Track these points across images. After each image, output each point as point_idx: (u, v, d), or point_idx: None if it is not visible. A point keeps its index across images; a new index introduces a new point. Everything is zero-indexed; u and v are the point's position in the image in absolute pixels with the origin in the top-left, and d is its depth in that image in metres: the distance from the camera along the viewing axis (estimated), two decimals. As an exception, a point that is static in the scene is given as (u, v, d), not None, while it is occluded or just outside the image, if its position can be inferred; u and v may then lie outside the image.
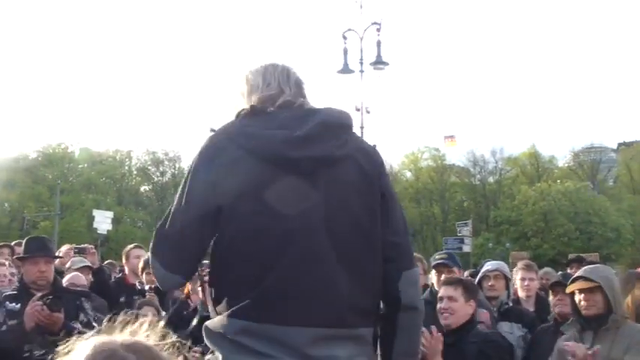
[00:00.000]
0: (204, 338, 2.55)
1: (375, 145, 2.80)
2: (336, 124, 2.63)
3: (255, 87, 2.75)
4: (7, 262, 7.10)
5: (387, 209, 2.66)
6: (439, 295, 5.10)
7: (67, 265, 7.49)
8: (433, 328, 4.46)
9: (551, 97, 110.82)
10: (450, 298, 4.95)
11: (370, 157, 2.69)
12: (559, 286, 5.50)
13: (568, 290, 4.74)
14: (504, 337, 5.35)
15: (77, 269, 7.28)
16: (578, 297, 4.61)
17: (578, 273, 4.79)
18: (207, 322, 2.54)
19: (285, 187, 2.47)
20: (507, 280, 6.39)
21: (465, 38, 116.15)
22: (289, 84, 2.75)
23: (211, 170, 2.49)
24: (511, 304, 6.28)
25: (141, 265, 7.21)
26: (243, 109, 2.66)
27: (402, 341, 2.66)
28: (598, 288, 4.50)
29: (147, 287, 6.86)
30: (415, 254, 6.67)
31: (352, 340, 2.49)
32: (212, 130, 2.63)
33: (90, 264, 7.90)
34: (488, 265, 6.49)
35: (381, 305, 2.66)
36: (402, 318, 2.64)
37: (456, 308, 4.92)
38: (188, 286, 6.00)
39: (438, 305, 5.02)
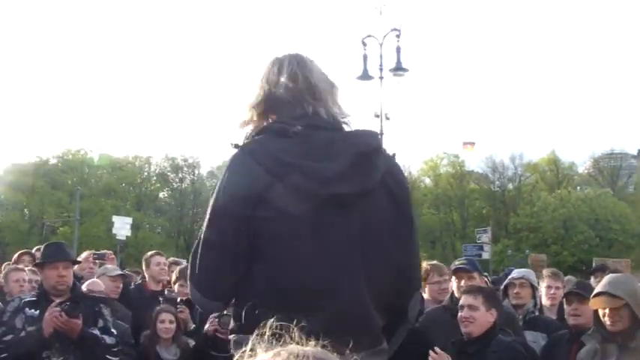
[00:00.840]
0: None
1: (394, 154, 2.77)
2: (371, 153, 2.58)
3: (276, 85, 2.69)
4: (26, 269, 7.09)
5: (411, 232, 2.72)
6: (460, 303, 5.04)
7: (100, 272, 7.44)
8: (436, 348, 4.59)
9: (571, 103, 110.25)
10: (471, 307, 4.88)
11: (398, 179, 2.71)
12: (573, 295, 5.31)
13: (591, 306, 4.56)
14: (528, 345, 5.23)
15: (112, 276, 7.20)
16: (602, 311, 4.45)
17: (601, 287, 4.54)
18: (238, 338, 2.51)
19: (324, 223, 2.47)
20: (534, 289, 6.25)
21: (484, 44, 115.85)
22: (313, 87, 2.68)
23: (247, 198, 2.45)
24: (537, 313, 6.18)
25: (175, 275, 7.18)
26: (266, 125, 2.63)
27: (392, 346, 2.76)
28: (623, 304, 4.32)
29: (178, 299, 6.81)
30: (435, 262, 6.65)
31: (378, 355, 2.59)
32: (235, 146, 2.59)
33: (123, 273, 7.87)
34: (515, 273, 6.39)
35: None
36: (402, 329, 2.79)
37: (477, 317, 4.86)
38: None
39: (459, 314, 4.96)
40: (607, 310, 4.40)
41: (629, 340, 4.31)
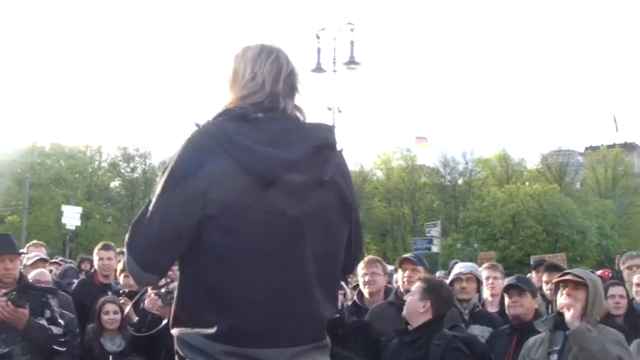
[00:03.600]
0: (179, 348, 2.51)
1: (342, 149, 2.77)
2: (326, 147, 2.63)
3: (240, 77, 2.67)
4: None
5: (355, 234, 2.79)
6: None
7: (24, 262, 7.42)
8: None
9: (522, 101, 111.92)
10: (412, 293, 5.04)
11: (347, 178, 2.75)
12: (513, 288, 5.56)
13: (555, 280, 4.84)
14: (477, 341, 5.28)
15: (32, 263, 7.22)
16: (561, 291, 4.66)
17: (568, 270, 4.96)
18: (182, 334, 2.51)
19: (276, 209, 2.47)
20: (479, 283, 6.37)
21: (438, 40, 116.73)
22: (280, 80, 2.68)
23: (200, 177, 2.42)
24: (481, 308, 6.30)
25: (120, 266, 7.12)
26: (228, 108, 2.61)
27: None
28: (583, 286, 4.56)
29: (121, 291, 6.80)
30: (374, 256, 6.73)
31: (319, 350, 2.64)
32: (197, 125, 2.55)
33: (46, 257, 7.83)
34: (461, 268, 6.43)
35: None
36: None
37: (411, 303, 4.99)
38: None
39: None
40: (566, 290, 4.61)
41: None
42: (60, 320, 5.34)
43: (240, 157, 2.43)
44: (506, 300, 5.57)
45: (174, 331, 2.55)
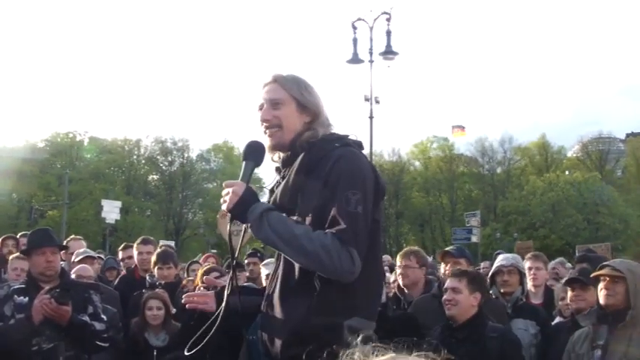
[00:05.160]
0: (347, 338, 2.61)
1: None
2: None
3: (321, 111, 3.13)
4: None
5: None
6: (444, 286, 5.06)
7: (72, 259, 7.51)
8: None
9: (562, 88, 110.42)
10: (454, 289, 4.90)
11: None
12: (575, 282, 5.38)
13: (593, 275, 4.70)
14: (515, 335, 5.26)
15: (80, 260, 7.30)
16: (600, 285, 4.54)
17: (607, 262, 4.78)
18: (351, 323, 2.80)
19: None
20: (522, 276, 6.16)
21: (475, 28, 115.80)
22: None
23: (373, 188, 2.95)
24: (525, 300, 6.14)
25: (153, 259, 7.18)
26: (346, 137, 3.08)
27: None
28: (622, 279, 4.41)
29: (157, 282, 6.82)
30: (411, 248, 6.65)
31: None
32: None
33: (93, 254, 7.91)
34: (503, 260, 6.23)
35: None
36: None
37: (460, 299, 4.87)
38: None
39: (444, 297, 4.99)
40: (604, 284, 4.48)
41: (620, 320, 4.35)
42: (102, 316, 5.36)
43: (377, 177, 2.99)
44: (569, 293, 5.41)
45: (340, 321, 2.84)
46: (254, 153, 3.05)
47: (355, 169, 2.87)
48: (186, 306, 3.45)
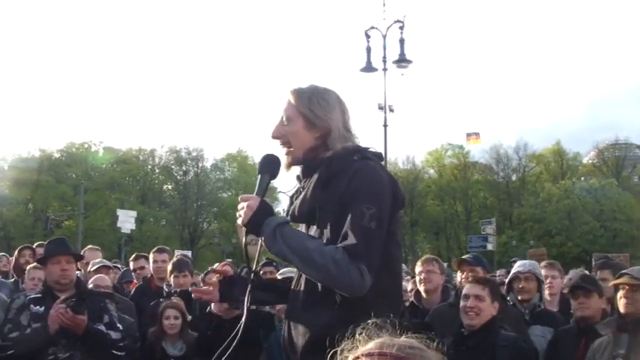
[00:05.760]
0: None
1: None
2: None
3: (343, 120, 3.09)
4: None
5: None
6: (464, 292, 5.00)
7: (88, 268, 7.54)
8: None
9: (577, 94, 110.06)
10: (478, 297, 4.85)
11: None
12: (579, 289, 5.32)
13: (612, 283, 4.65)
14: (532, 344, 5.23)
15: (95, 270, 7.32)
16: (620, 293, 4.49)
17: (626, 271, 4.74)
18: None
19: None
20: (539, 282, 6.07)
21: (487, 34, 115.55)
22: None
23: (390, 202, 2.93)
24: (542, 307, 6.07)
25: (169, 267, 7.20)
26: (365, 148, 3.05)
27: None
28: None
29: (173, 291, 6.83)
30: (432, 255, 6.65)
31: None
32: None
33: (108, 263, 7.94)
34: (520, 267, 6.15)
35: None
36: None
37: (483, 308, 4.82)
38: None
39: (462, 303, 4.93)
40: (623, 292, 4.44)
41: None
42: (119, 325, 5.38)
43: (395, 189, 2.99)
44: (572, 302, 5.36)
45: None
46: (269, 166, 3.06)
47: (372, 183, 2.87)
48: (192, 295, 3.55)
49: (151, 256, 7.78)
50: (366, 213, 2.78)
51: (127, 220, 40.81)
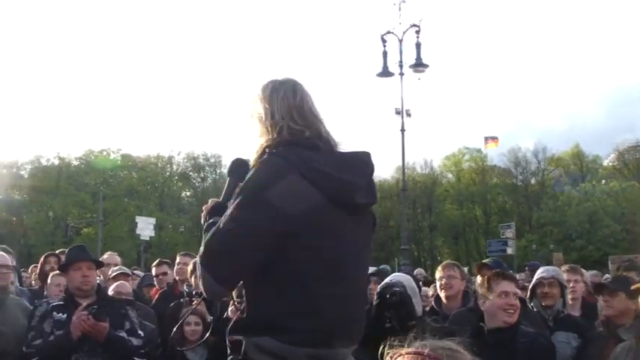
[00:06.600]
0: (253, 355, 2.66)
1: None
2: (373, 172, 2.90)
3: (293, 105, 2.85)
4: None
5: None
6: (500, 290, 4.83)
7: (108, 274, 7.60)
8: None
9: (595, 95, 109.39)
10: (516, 295, 4.80)
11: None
12: (604, 288, 5.30)
13: (634, 287, 4.58)
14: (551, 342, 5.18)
15: (114, 277, 7.36)
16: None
17: None
18: (260, 342, 2.64)
19: (346, 227, 2.72)
20: (562, 288, 6.04)
21: (504, 37, 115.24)
22: (319, 118, 2.87)
23: (276, 196, 2.59)
24: (566, 313, 6.01)
25: (190, 267, 7.21)
26: (298, 138, 2.75)
27: None
28: None
29: (194, 292, 6.84)
30: (452, 261, 6.64)
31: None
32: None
33: (127, 271, 8.01)
34: (543, 272, 6.13)
35: None
36: None
37: (518, 305, 4.78)
38: None
39: (499, 300, 4.80)
40: None
41: None
42: (140, 331, 5.42)
43: (314, 177, 2.63)
44: (599, 301, 5.32)
45: (244, 339, 2.70)
46: (237, 169, 3.00)
47: (254, 180, 2.68)
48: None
49: (177, 258, 7.99)
50: (228, 214, 2.66)
51: (146, 227, 41.04)
